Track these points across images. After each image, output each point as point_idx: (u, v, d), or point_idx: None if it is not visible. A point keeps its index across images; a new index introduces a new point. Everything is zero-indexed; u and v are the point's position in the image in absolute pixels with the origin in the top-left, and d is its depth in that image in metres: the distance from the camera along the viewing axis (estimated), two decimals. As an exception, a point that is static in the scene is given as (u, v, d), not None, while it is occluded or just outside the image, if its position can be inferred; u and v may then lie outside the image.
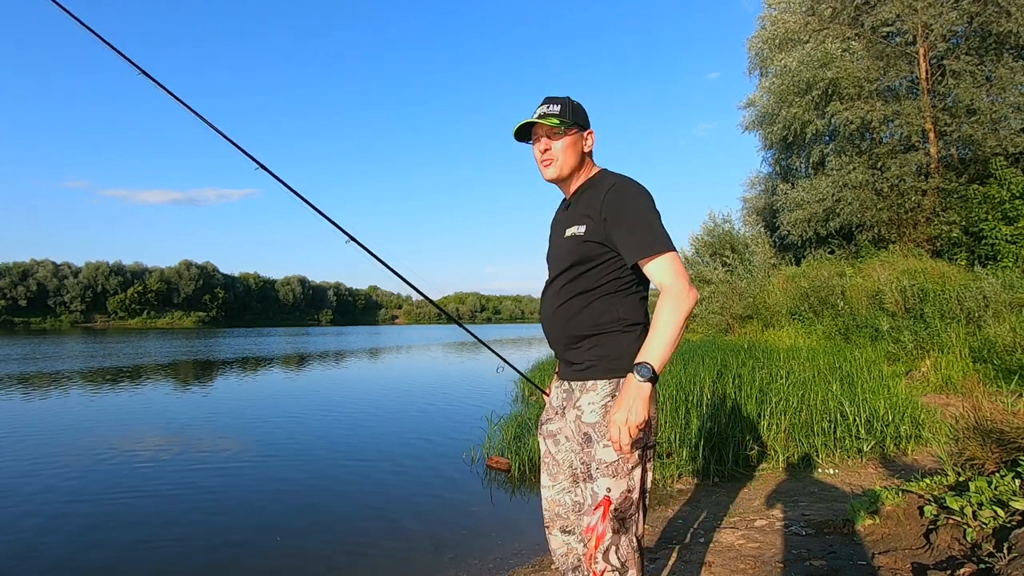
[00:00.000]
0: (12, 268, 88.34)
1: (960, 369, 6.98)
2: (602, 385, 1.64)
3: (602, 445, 1.60)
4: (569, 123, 1.69)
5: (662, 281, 1.55)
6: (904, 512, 2.86)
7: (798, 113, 15.21)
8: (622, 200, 1.61)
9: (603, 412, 1.61)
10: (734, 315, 14.75)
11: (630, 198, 1.62)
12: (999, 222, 11.72)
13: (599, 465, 1.60)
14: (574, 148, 1.71)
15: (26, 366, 16.56)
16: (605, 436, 1.59)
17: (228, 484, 5.10)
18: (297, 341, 34.92)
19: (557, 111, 1.70)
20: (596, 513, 1.56)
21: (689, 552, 3.01)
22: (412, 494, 4.80)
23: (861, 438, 4.72)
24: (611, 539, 1.58)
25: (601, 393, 1.63)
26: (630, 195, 1.62)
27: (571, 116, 1.70)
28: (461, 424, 7.58)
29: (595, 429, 1.62)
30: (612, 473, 1.58)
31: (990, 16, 12.97)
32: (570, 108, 1.70)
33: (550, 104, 1.71)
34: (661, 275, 1.56)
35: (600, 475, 1.59)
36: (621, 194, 1.62)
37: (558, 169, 1.72)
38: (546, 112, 1.70)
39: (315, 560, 3.52)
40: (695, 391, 5.73)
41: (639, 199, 1.61)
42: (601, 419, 1.61)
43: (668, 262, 1.55)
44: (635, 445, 1.56)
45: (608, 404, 1.61)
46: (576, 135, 1.71)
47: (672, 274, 1.54)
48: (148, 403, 9.91)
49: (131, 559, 3.58)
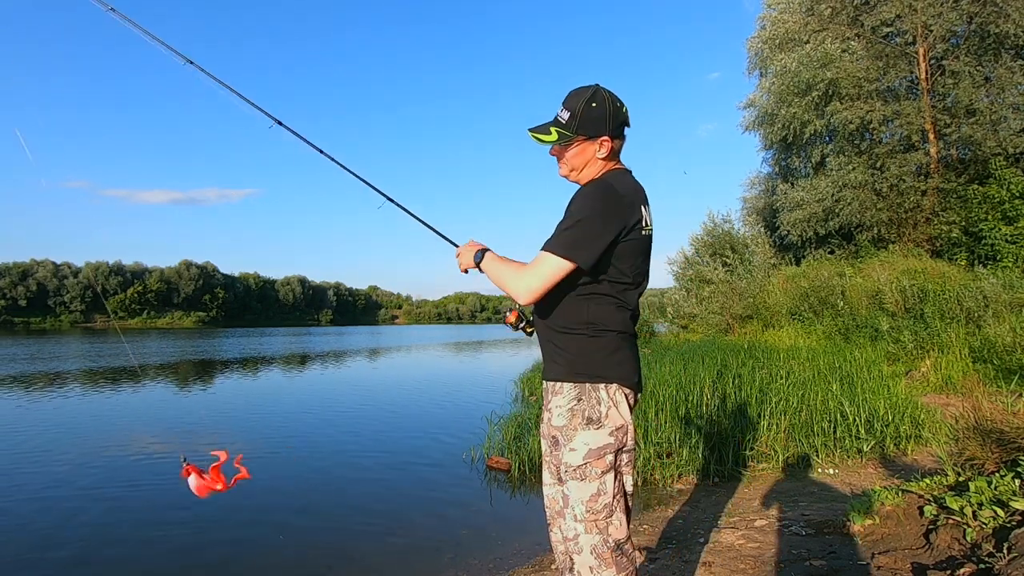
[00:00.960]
0: (12, 268, 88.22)
1: (960, 369, 6.98)
2: (568, 388, 1.63)
3: (568, 449, 1.61)
4: (569, 137, 1.65)
5: (530, 263, 1.61)
6: (904, 512, 2.86)
7: (798, 113, 15.20)
8: (573, 202, 1.63)
9: (569, 416, 1.61)
10: (734, 315, 14.74)
11: (579, 199, 1.63)
12: (999, 222, 11.72)
13: (566, 469, 1.61)
14: (583, 155, 1.68)
15: (29, 366, 16.55)
16: (571, 440, 1.61)
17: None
18: (297, 341, 34.90)
19: (565, 120, 1.65)
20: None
21: (689, 552, 3.01)
22: (412, 494, 4.81)
23: (861, 438, 4.73)
24: (584, 539, 1.59)
25: (567, 397, 1.63)
26: (580, 197, 1.63)
27: (577, 126, 1.64)
28: (461, 424, 7.58)
29: (562, 433, 1.63)
30: (579, 476, 1.59)
31: (989, 16, 12.97)
32: (580, 115, 1.63)
33: (564, 108, 1.66)
34: (532, 263, 1.60)
35: (568, 478, 1.61)
36: (577, 197, 1.64)
37: (566, 172, 1.74)
38: (556, 119, 1.67)
39: (315, 559, 3.53)
40: (695, 391, 5.73)
41: (583, 201, 1.60)
42: (567, 422, 1.61)
43: (543, 258, 1.58)
44: (605, 450, 1.59)
45: (574, 408, 1.61)
46: (584, 143, 1.66)
47: (533, 269, 1.58)
48: (149, 403, 9.91)
49: (130, 557, 3.59)
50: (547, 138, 1.68)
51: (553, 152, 1.73)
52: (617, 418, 1.61)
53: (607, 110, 1.64)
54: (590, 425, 1.59)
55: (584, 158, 1.69)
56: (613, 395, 1.62)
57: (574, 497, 1.60)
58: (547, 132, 1.68)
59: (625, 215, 1.58)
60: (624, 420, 1.62)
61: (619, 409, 1.62)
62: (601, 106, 1.64)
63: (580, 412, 1.60)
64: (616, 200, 1.58)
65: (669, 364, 7.59)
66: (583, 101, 1.63)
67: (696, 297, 16.40)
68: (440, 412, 8.83)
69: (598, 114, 1.63)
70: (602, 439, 1.59)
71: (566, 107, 1.66)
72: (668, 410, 5.31)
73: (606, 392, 1.61)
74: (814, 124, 15.13)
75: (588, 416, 1.60)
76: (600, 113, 1.64)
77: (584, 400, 1.61)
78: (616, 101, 1.66)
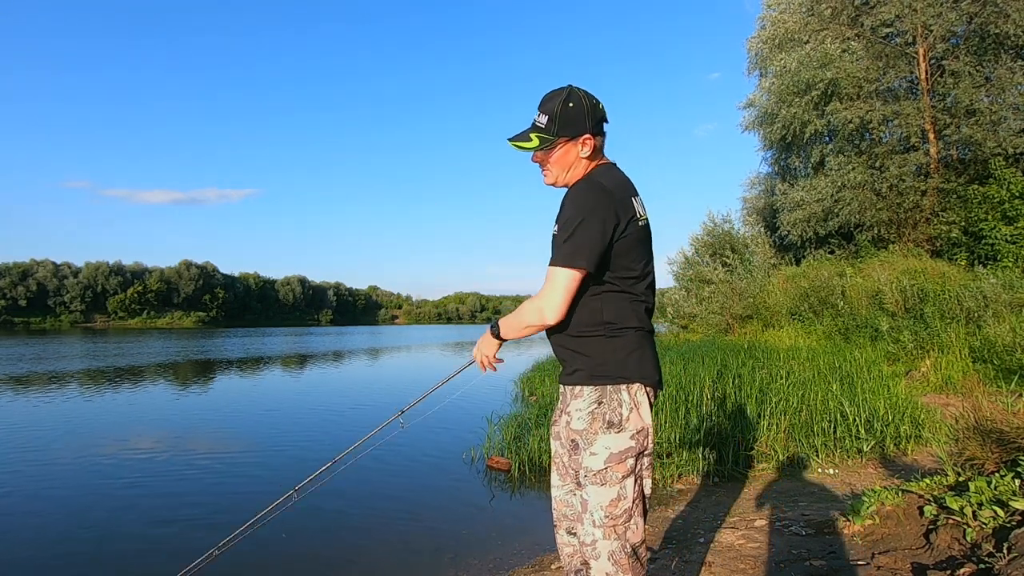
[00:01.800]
0: (12, 268, 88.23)
1: (960, 369, 6.98)
2: (588, 391, 1.62)
3: (588, 453, 1.59)
4: (551, 140, 1.63)
5: (542, 287, 1.59)
6: (904, 512, 2.86)
7: (797, 113, 15.19)
8: (564, 206, 1.61)
9: (589, 419, 1.60)
10: (734, 315, 14.74)
11: (568, 202, 1.60)
12: (999, 222, 11.72)
13: (586, 473, 1.60)
14: (565, 157, 1.66)
15: (32, 366, 16.55)
16: (592, 444, 1.59)
17: (228, 484, 5.10)
18: (297, 341, 34.90)
19: (544, 124, 1.63)
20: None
21: (689, 552, 3.01)
22: (412, 494, 4.81)
23: (861, 438, 4.73)
24: (603, 545, 1.57)
25: (588, 400, 1.62)
26: (570, 199, 1.60)
27: (557, 129, 1.62)
28: (461, 424, 7.58)
29: (582, 436, 1.61)
30: (600, 481, 1.58)
31: (989, 17, 12.96)
32: (559, 118, 1.62)
33: (541, 112, 1.65)
34: (545, 282, 1.58)
35: (588, 483, 1.59)
36: (567, 200, 1.61)
37: (552, 179, 1.71)
38: (534, 125, 1.65)
39: (315, 559, 3.53)
40: (695, 391, 5.73)
41: (573, 204, 1.58)
42: (588, 426, 1.60)
43: (553, 274, 1.55)
44: (626, 454, 1.57)
45: (594, 411, 1.60)
46: (566, 144, 1.65)
47: (548, 288, 1.56)
48: (151, 403, 9.91)
49: (128, 554, 3.59)
50: (528, 145, 1.66)
51: (535, 159, 1.71)
52: (638, 421, 1.59)
53: (584, 107, 1.63)
54: (611, 429, 1.58)
55: (568, 160, 1.67)
56: (635, 395, 1.60)
57: (593, 502, 1.58)
58: (527, 139, 1.66)
59: (617, 212, 1.57)
60: (645, 423, 1.61)
61: (640, 411, 1.60)
62: (578, 105, 1.62)
63: (601, 415, 1.59)
64: (607, 197, 1.56)
65: (669, 364, 7.59)
66: (559, 102, 1.62)
67: (696, 297, 16.40)
68: (440, 412, 8.81)
69: (576, 113, 1.62)
70: (623, 443, 1.58)
71: (543, 111, 1.64)
72: (668, 410, 5.31)
73: (628, 393, 1.59)
74: (814, 124, 15.12)
75: (609, 420, 1.58)
76: (578, 112, 1.62)
77: (605, 403, 1.59)
78: (592, 98, 1.65)
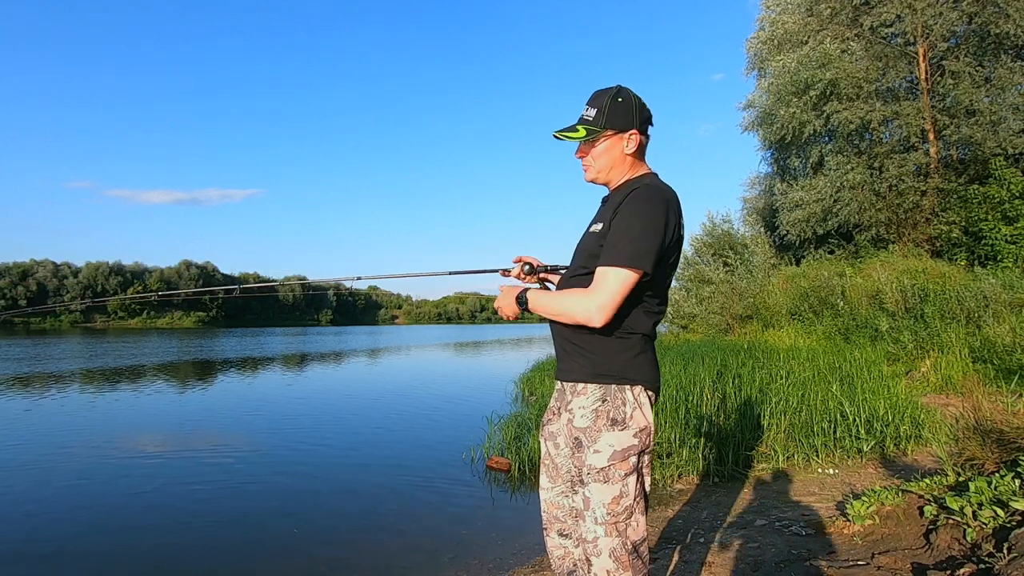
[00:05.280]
0: (12, 268, 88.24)
1: (960, 369, 6.98)
2: (592, 389, 1.62)
3: (592, 451, 1.59)
4: (598, 132, 1.64)
5: (593, 283, 1.53)
6: (904, 512, 2.86)
7: (796, 113, 15.18)
8: (628, 207, 1.57)
9: (593, 417, 1.60)
10: (734, 315, 14.74)
11: (633, 206, 1.56)
12: (999, 222, 11.73)
13: (589, 471, 1.59)
14: (609, 153, 1.66)
15: (33, 366, 16.55)
16: (595, 441, 1.59)
17: (227, 484, 5.10)
18: (297, 341, 34.91)
19: (592, 116, 1.65)
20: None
21: (689, 552, 3.01)
22: (412, 494, 4.80)
23: (861, 438, 4.72)
24: (604, 543, 1.57)
25: (592, 398, 1.61)
26: (636, 203, 1.57)
27: (605, 121, 1.64)
28: (461, 424, 7.58)
29: (585, 434, 1.61)
30: (603, 479, 1.57)
31: (989, 17, 12.97)
32: (607, 110, 1.64)
33: (589, 107, 1.67)
34: (596, 279, 1.53)
35: (591, 480, 1.59)
36: (632, 201, 1.58)
37: (594, 173, 1.71)
38: (582, 118, 1.67)
39: (315, 559, 3.52)
40: (695, 391, 5.73)
41: (639, 211, 1.55)
42: (592, 424, 1.60)
43: (609, 273, 1.51)
44: (630, 451, 1.57)
45: (598, 409, 1.59)
46: (612, 138, 1.66)
47: (604, 286, 1.51)
48: (152, 403, 9.91)
49: (128, 554, 3.59)
50: (575, 135, 1.66)
51: (579, 154, 1.72)
52: (641, 419, 1.60)
53: (633, 105, 1.66)
54: (615, 426, 1.58)
55: (611, 156, 1.67)
56: (638, 396, 1.60)
57: (596, 500, 1.58)
58: (574, 130, 1.67)
59: (673, 222, 1.58)
60: (648, 421, 1.61)
61: (643, 411, 1.61)
62: (627, 100, 1.65)
63: (604, 413, 1.59)
64: (670, 207, 1.57)
65: (669, 364, 7.59)
66: (609, 97, 1.65)
67: (696, 297, 16.40)
68: (440, 412, 8.83)
69: (625, 108, 1.64)
70: (627, 440, 1.58)
71: (591, 105, 1.66)
72: (668, 410, 5.31)
73: (631, 393, 1.60)
74: (812, 124, 15.12)
75: (613, 417, 1.58)
76: (627, 107, 1.65)
77: (609, 401, 1.59)
78: (640, 99, 1.69)
